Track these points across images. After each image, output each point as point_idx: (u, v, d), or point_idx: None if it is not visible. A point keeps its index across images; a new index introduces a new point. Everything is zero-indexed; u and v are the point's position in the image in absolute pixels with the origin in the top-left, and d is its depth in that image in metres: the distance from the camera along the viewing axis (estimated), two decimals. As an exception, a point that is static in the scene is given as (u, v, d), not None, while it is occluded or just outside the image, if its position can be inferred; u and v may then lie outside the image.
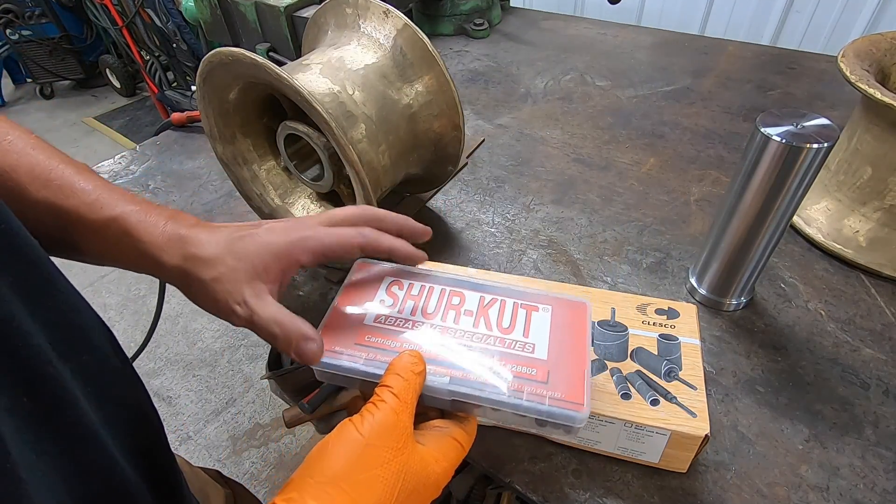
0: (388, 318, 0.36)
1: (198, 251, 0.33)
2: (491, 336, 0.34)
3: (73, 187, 0.33)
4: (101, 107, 3.03)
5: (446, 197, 0.66)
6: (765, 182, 0.40)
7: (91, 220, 0.32)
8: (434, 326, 0.35)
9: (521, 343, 0.34)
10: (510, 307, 0.36)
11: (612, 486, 0.38)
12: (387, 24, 0.52)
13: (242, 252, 0.33)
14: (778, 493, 0.37)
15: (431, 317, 0.36)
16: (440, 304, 0.37)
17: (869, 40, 0.53)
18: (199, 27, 0.87)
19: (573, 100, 0.85)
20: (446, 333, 0.35)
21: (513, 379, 0.32)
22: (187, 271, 0.32)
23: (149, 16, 2.11)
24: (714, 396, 0.43)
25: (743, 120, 0.77)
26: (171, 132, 0.84)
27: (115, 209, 0.33)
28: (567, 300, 0.37)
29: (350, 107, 0.48)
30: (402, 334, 0.35)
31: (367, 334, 0.35)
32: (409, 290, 0.38)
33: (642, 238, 0.58)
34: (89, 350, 0.27)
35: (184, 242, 0.33)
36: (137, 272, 0.35)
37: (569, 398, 0.30)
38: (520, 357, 0.33)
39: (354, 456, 0.26)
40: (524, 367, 0.32)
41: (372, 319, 0.36)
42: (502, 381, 0.32)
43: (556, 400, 0.30)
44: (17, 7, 2.64)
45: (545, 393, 0.31)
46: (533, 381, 0.31)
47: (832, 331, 0.48)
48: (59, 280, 0.26)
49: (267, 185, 0.57)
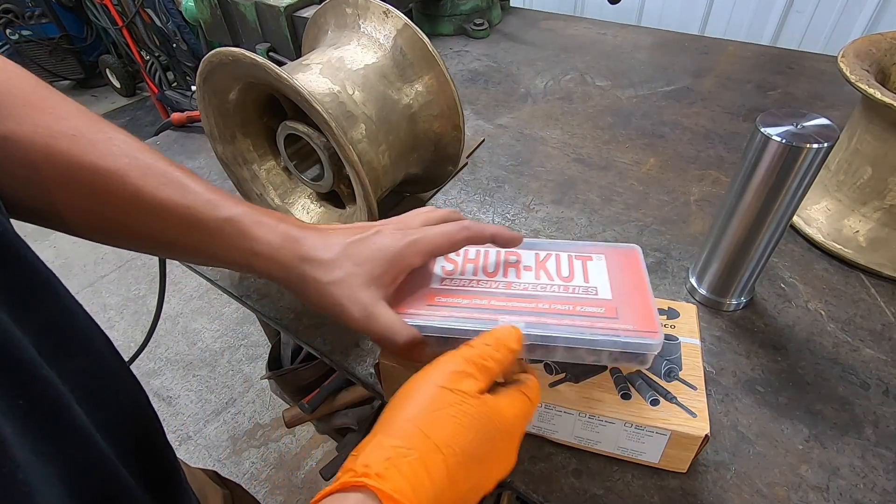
0: (453, 280, 0.37)
1: (315, 253, 0.34)
2: (554, 285, 0.36)
3: (187, 188, 0.34)
4: (101, 107, 3.03)
5: (446, 197, 0.66)
6: (765, 182, 0.40)
7: (208, 220, 0.34)
8: (499, 283, 0.37)
9: (583, 288, 0.36)
10: (566, 259, 0.38)
11: (612, 486, 0.38)
12: (387, 24, 0.52)
13: (360, 257, 0.34)
14: (778, 493, 0.37)
15: (493, 275, 0.38)
16: (499, 264, 0.38)
17: (869, 40, 0.53)
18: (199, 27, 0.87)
19: (573, 100, 0.85)
20: (511, 287, 0.36)
21: (584, 318, 0.33)
22: (304, 273, 0.34)
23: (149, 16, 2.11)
24: (714, 396, 0.43)
25: (743, 120, 0.77)
26: (171, 132, 0.84)
27: (230, 210, 0.34)
28: (617, 248, 0.39)
29: (350, 107, 0.48)
30: (469, 292, 0.36)
31: (436, 296, 0.36)
32: (466, 254, 0.40)
33: (642, 238, 0.58)
34: (84, 352, 0.27)
35: (298, 244, 0.34)
36: (249, 273, 0.36)
37: (641, 328, 0.32)
38: (586, 299, 0.35)
39: (428, 396, 0.26)
40: (593, 307, 0.34)
41: (438, 282, 0.37)
42: (575, 319, 0.33)
43: (630, 331, 0.32)
44: (17, 7, 2.64)
45: (618, 326, 0.32)
46: (604, 318, 0.33)
47: (832, 331, 0.48)
48: (51, 283, 0.26)
49: (267, 185, 0.57)
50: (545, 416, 0.38)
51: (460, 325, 0.33)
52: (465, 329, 0.33)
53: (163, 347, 1.65)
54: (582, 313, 0.34)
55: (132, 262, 1.95)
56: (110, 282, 1.89)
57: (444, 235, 0.35)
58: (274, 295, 0.55)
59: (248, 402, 1.49)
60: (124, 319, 1.75)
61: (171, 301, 1.77)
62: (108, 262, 1.96)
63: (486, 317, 0.34)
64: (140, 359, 1.49)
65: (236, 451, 1.38)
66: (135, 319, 1.75)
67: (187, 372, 1.58)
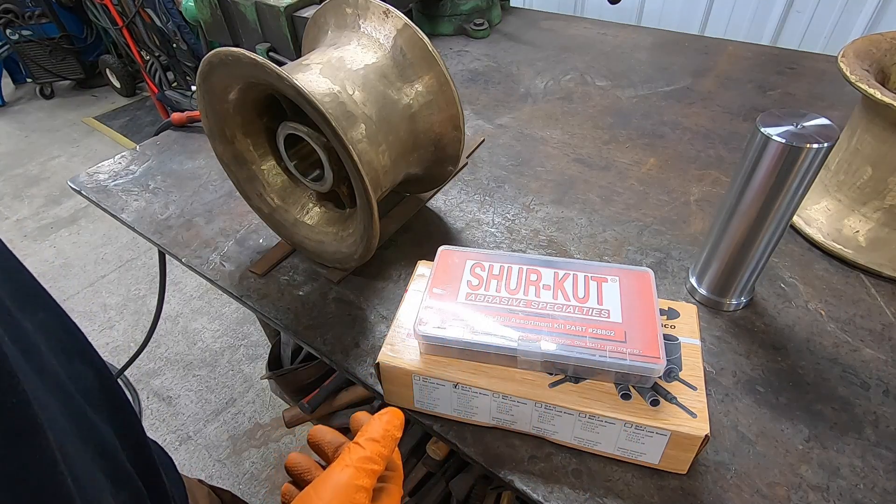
0: (478, 297, 0.41)
1: None
2: (570, 305, 0.39)
3: None
4: (101, 107, 3.03)
5: (446, 197, 0.66)
6: (765, 182, 0.40)
7: None
8: (520, 300, 0.40)
9: (597, 310, 0.39)
10: (582, 280, 0.41)
11: (612, 487, 0.38)
12: (387, 24, 0.52)
13: None
14: (778, 493, 0.37)
15: (515, 292, 0.41)
16: (520, 281, 0.42)
17: (869, 40, 0.53)
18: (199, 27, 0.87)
19: (573, 100, 0.85)
20: (531, 306, 0.40)
21: (595, 340, 0.37)
22: None
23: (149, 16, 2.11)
24: (714, 396, 0.43)
25: (743, 120, 0.77)
26: (171, 132, 0.84)
27: None
28: (631, 271, 0.42)
29: (350, 107, 0.48)
30: (493, 308, 0.40)
31: (463, 310, 0.40)
32: (490, 270, 0.43)
33: (642, 238, 0.58)
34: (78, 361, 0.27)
35: None
36: None
37: (646, 353, 0.35)
38: (598, 322, 0.38)
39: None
40: (603, 330, 0.37)
41: (464, 297, 0.41)
42: (587, 341, 0.37)
43: (636, 355, 0.35)
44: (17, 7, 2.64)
45: (625, 350, 0.36)
46: (613, 341, 0.36)
47: (832, 331, 0.48)
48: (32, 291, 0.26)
49: (267, 185, 0.57)
50: (545, 416, 0.38)
51: (484, 341, 0.37)
52: (489, 344, 0.37)
53: (163, 347, 1.65)
54: (594, 335, 0.37)
55: (132, 262, 1.95)
56: (110, 282, 1.89)
57: None
58: (274, 295, 0.55)
59: (248, 402, 1.49)
60: (124, 319, 1.75)
61: (171, 301, 1.77)
62: (108, 262, 1.96)
63: (508, 334, 0.38)
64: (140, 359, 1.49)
65: (236, 451, 1.38)
66: (135, 319, 1.75)
67: (187, 372, 1.58)
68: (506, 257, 0.44)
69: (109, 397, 0.29)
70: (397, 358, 0.40)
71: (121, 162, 0.78)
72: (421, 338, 0.39)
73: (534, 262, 0.43)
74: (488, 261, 0.43)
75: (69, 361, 0.26)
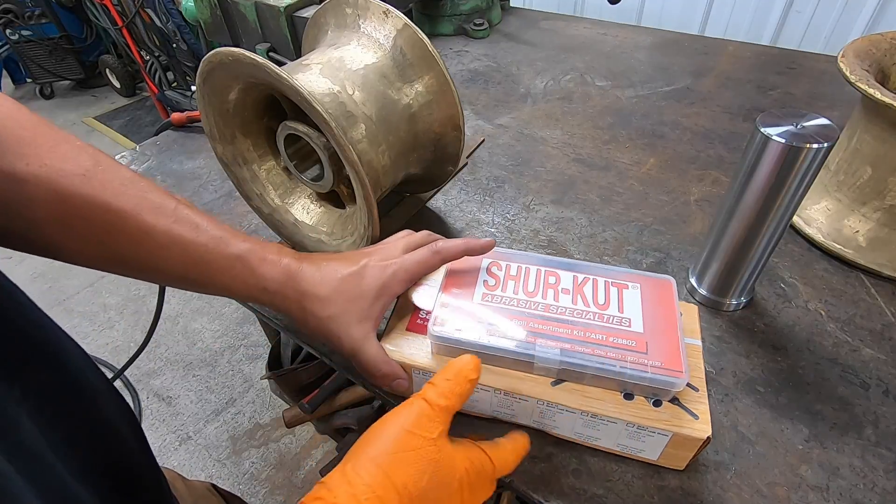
0: (494, 297, 0.39)
1: (313, 289, 0.37)
2: (590, 312, 0.38)
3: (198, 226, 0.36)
4: (101, 107, 3.03)
5: (446, 197, 0.66)
6: (765, 182, 0.40)
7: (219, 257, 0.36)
8: (538, 304, 0.39)
9: (617, 318, 0.37)
10: (602, 285, 0.40)
11: (613, 486, 0.38)
12: (387, 24, 0.52)
13: (351, 293, 0.38)
14: (778, 493, 0.37)
15: (533, 294, 0.39)
16: (538, 283, 0.40)
17: (869, 40, 0.53)
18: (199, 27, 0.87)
19: (573, 100, 0.85)
20: (549, 310, 0.38)
21: (616, 349, 0.35)
22: (305, 307, 0.38)
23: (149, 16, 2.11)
24: (714, 396, 0.43)
25: (743, 120, 0.77)
26: (171, 132, 0.84)
27: (238, 247, 0.37)
28: (652, 278, 0.40)
29: (350, 107, 0.48)
30: (510, 311, 0.38)
31: (478, 312, 0.38)
32: (508, 270, 0.41)
33: (642, 238, 0.58)
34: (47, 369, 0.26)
35: (297, 280, 0.38)
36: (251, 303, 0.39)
37: (668, 366, 0.34)
38: (619, 330, 0.36)
39: (393, 438, 0.29)
40: (624, 340, 0.36)
41: (480, 298, 0.39)
42: (607, 350, 0.35)
43: (658, 368, 0.34)
44: (17, 7, 2.64)
45: (646, 362, 0.34)
46: (634, 352, 0.35)
47: (832, 331, 0.48)
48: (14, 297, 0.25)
49: (267, 185, 0.57)
50: (547, 413, 0.38)
51: (501, 345, 0.36)
52: (506, 349, 0.36)
53: (163, 347, 1.65)
54: (614, 345, 0.35)
55: (132, 262, 1.95)
56: (110, 282, 1.89)
57: (419, 264, 0.40)
58: (274, 295, 0.55)
59: (248, 402, 1.49)
60: (124, 319, 1.75)
61: (171, 301, 1.77)
62: (108, 262, 1.96)
63: (525, 339, 0.36)
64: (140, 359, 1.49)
65: (236, 451, 1.38)
66: (135, 319, 1.75)
67: (187, 372, 1.58)
68: (524, 257, 0.42)
69: (101, 454, 0.28)
70: (397, 351, 0.40)
71: (121, 162, 0.78)
72: (435, 338, 0.38)
73: (552, 264, 0.42)
74: (505, 260, 0.42)
75: (53, 428, 0.25)
